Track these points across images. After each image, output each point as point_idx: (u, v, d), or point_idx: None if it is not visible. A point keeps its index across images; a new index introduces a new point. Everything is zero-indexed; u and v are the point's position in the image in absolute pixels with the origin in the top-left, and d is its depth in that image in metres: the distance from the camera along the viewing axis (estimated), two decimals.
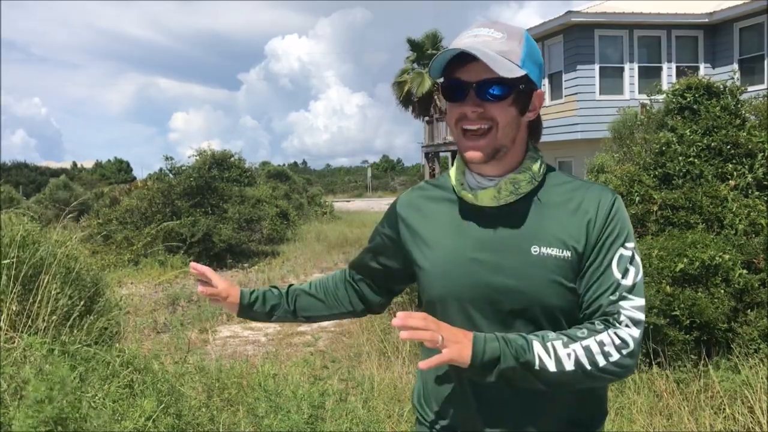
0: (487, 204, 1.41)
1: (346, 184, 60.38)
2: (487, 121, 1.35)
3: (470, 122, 1.36)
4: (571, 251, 1.36)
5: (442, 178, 1.55)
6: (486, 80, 1.33)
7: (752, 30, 14.70)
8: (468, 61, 1.34)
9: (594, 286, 1.36)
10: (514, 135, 1.40)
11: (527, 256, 1.36)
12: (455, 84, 1.37)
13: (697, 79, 6.65)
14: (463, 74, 1.35)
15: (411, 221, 1.52)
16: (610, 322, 1.33)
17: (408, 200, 1.57)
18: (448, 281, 1.42)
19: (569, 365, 1.28)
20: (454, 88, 1.37)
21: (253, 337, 8.22)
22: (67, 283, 4.13)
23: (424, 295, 1.50)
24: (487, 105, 1.35)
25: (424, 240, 1.48)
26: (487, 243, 1.40)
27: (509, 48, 1.35)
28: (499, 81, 1.33)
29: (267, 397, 3.61)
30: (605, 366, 1.29)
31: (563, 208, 1.40)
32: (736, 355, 4.79)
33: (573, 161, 16.04)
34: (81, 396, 2.69)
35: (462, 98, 1.36)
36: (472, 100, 1.35)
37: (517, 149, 1.42)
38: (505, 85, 1.34)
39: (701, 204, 5.68)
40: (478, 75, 1.34)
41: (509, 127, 1.38)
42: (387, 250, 1.61)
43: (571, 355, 1.28)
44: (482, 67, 1.32)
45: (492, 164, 1.41)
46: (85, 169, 58.82)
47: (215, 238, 14.50)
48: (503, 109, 1.36)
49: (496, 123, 1.36)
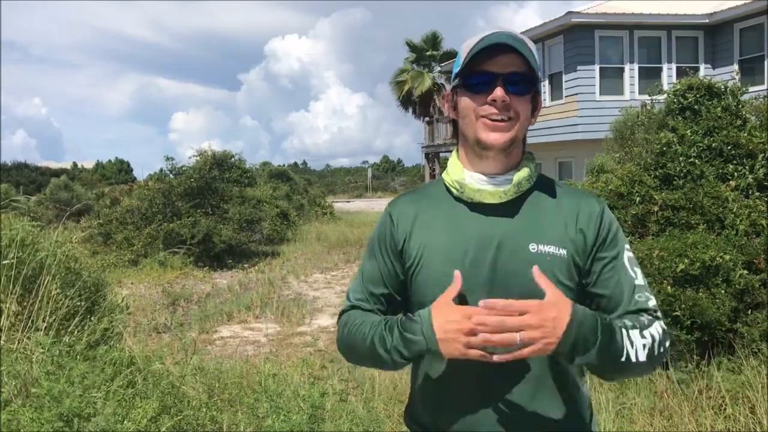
0: (490, 201, 1.43)
1: (346, 185, 60.33)
2: (510, 112, 1.39)
3: (496, 112, 1.38)
4: (567, 250, 1.41)
5: (430, 184, 1.58)
6: (515, 73, 1.38)
7: (752, 30, 14.69)
8: (494, 54, 1.37)
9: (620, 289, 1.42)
10: (525, 132, 1.45)
11: (526, 254, 1.39)
12: (482, 75, 1.39)
13: (698, 79, 6.65)
14: (490, 66, 1.38)
15: (407, 223, 1.50)
16: (656, 316, 1.41)
17: (401, 204, 1.55)
18: (448, 283, 1.40)
19: (643, 356, 1.32)
20: (481, 77, 1.39)
21: (254, 337, 8.22)
22: (68, 284, 4.13)
23: (420, 297, 1.46)
24: (513, 98, 1.39)
25: (421, 240, 1.47)
26: (485, 241, 1.41)
27: (530, 49, 1.40)
28: (525, 75, 1.38)
29: (268, 398, 3.61)
30: (661, 353, 1.36)
31: (557, 209, 1.45)
32: (738, 356, 4.79)
33: (573, 161, 16.03)
34: (87, 396, 2.69)
35: (487, 89, 1.38)
36: (501, 91, 1.37)
37: (520, 148, 1.47)
38: (531, 81, 1.40)
39: (702, 204, 5.68)
40: (506, 67, 1.38)
41: (526, 122, 1.43)
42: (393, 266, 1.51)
43: (646, 345, 1.33)
44: (510, 60, 1.37)
45: (498, 160, 1.44)
46: (85, 170, 58.79)
47: (215, 238, 14.50)
48: (525, 104, 1.41)
49: (518, 116, 1.40)
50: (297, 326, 8.77)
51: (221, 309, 9.63)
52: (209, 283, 12.42)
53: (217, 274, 13.82)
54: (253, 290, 11.33)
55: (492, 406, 1.40)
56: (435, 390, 1.47)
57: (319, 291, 11.49)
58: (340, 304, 10.69)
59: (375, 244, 1.55)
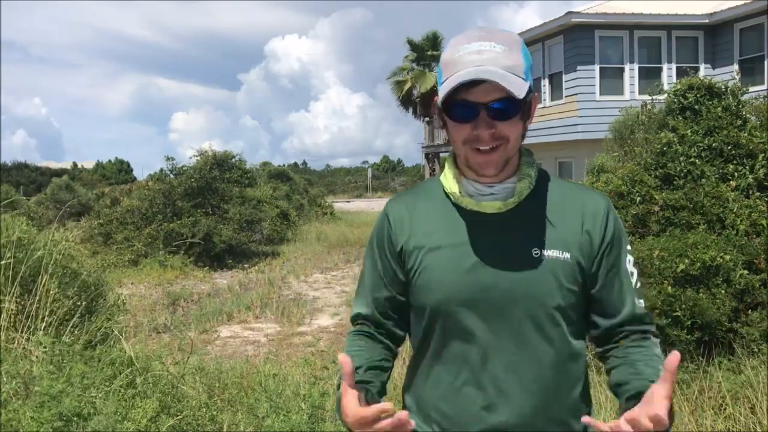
0: (489, 212, 1.40)
1: (346, 185, 60.30)
2: (498, 140, 1.35)
3: (482, 143, 1.34)
4: (571, 253, 1.37)
5: (428, 183, 1.53)
6: (497, 101, 1.32)
7: (752, 30, 14.69)
8: (475, 84, 1.30)
9: (618, 293, 1.41)
10: (520, 144, 1.42)
11: (529, 259, 1.36)
12: (463, 105, 1.33)
13: (699, 79, 6.66)
14: (471, 95, 1.32)
15: (404, 226, 1.47)
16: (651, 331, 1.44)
17: (399, 205, 1.51)
18: (448, 288, 1.38)
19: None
20: (462, 109, 1.34)
21: (254, 337, 8.21)
22: (66, 284, 4.13)
23: (420, 302, 1.44)
24: (500, 124, 1.34)
25: (420, 244, 1.44)
26: (488, 247, 1.38)
27: (513, 62, 1.32)
28: (509, 99, 1.31)
29: (268, 398, 3.61)
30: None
31: (560, 210, 1.41)
32: (738, 356, 4.79)
33: (573, 161, 16.03)
34: (87, 395, 2.69)
35: (470, 118, 1.33)
36: (484, 122, 1.32)
37: (516, 154, 1.44)
38: (517, 104, 1.33)
39: (702, 204, 5.68)
40: (488, 95, 1.31)
41: (518, 140, 1.39)
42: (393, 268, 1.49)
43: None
44: (492, 87, 1.30)
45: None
46: (85, 170, 58.80)
47: (216, 238, 14.50)
48: (513, 125, 1.36)
49: (508, 140, 1.35)
50: (297, 326, 8.77)
51: (221, 309, 9.63)
52: (209, 283, 12.42)
53: (217, 274, 13.82)
54: (253, 290, 11.33)
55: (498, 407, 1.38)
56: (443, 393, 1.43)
57: (319, 291, 11.49)
58: (341, 304, 10.67)
59: (374, 248, 1.52)
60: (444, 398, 1.42)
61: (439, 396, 1.43)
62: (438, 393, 1.43)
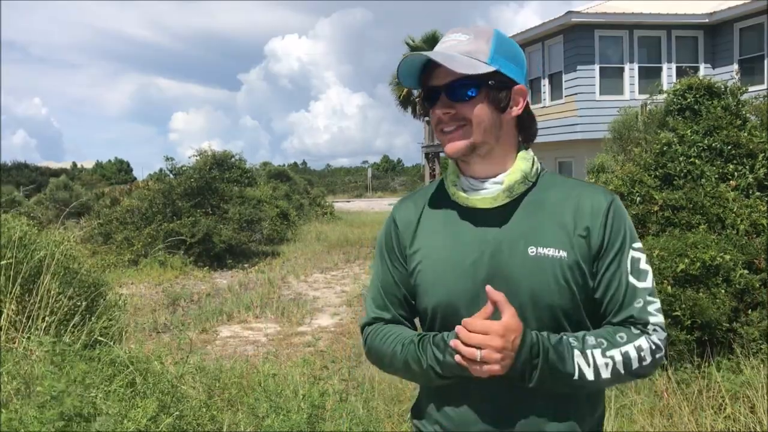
0: (481, 206, 1.41)
1: (346, 185, 60.31)
2: (460, 121, 1.39)
3: (445, 124, 1.41)
4: (567, 251, 1.36)
5: (433, 185, 1.56)
6: (452, 82, 1.37)
7: (752, 30, 14.69)
8: (435, 67, 1.39)
9: (615, 294, 1.38)
10: (497, 133, 1.42)
11: (525, 257, 1.36)
12: (428, 90, 1.42)
13: (698, 79, 6.65)
14: (433, 80, 1.41)
15: (410, 229, 1.49)
16: (645, 330, 1.37)
17: (405, 208, 1.54)
18: (447, 287, 1.40)
19: (606, 374, 1.32)
20: (428, 94, 1.42)
21: (254, 337, 8.22)
22: (67, 284, 4.13)
23: (422, 304, 1.46)
24: (458, 105, 1.39)
25: (422, 245, 1.46)
26: (484, 245, 1.39)
27: (475, 47, 1.38)
28: (465, 81, 1.36)
29: (267, 398, 3.61)
30: (637, 369, 1.35)
31: (559, 208, 1.40)
32: (738, 355, 4.79)
33: (573, 161, 16.03)
34: (88, 395, 2.69)
35: (434, 102, 1.41)
36: (443, 103, 1.40)
37: (505, 148, 1.44)
38: (472, 84, 1.37)
39: (702, 204, 5.68)
40: (445, 78, 1.38)
41: (487, 124, 1.40)
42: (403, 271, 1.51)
43: (608, 364, 1.32)
44: (447, 71, 1.36)
45: (480, 164, 1.43)
46: (85, 170, 58.79)
47: (215, 238, 14.50)
48: (474, 107, 1.39)
49: (470, 121, 1.39)
50: (297, 326, 8.77)
51: (221, 309, 9.63)
52: (209, 283, 12.42)
53: (217, 274, 13.82)
54: (253, 290, 11.33)
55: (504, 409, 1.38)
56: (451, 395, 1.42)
57: (319, 291, 11.49)
58: (340, 304, 10.66)
59: (383, 250, 1.54)
60: (449, 400, 1.42)
61: (444, 398, 1.43)
62: (443, 395, 1.43)
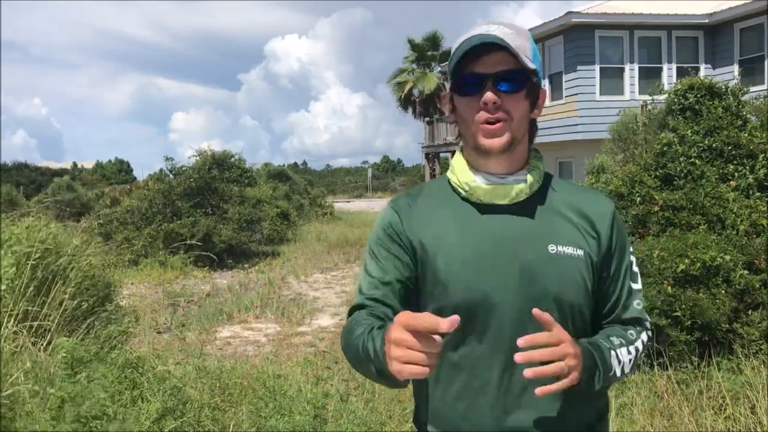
0: (501, 202, 1.39)
1: (346, 185, 60.31)
2: (504, 112, 1.35)
3: (489, 116, 1.34)
4: (583, 251, 1.39)
5: (432, 183, 1.52)
6: (504, 71, 1.33)
7: (752, 30, 14.70)
8: (482, 54, 1.33)
9: (618, 294, 1.44)
10: (525, 130, 1.41)
11: (546, 255, 1.36)
12: (471, 77, 1.35)
13: (699, 79, 6.66)
14: (478, 67, 1.34)
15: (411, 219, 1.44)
16: (643, 327, 1.47)
17: (405, 200, 1.49)
18: (459, 282, 1.36)
19: (627, 369, 1.38)
20: (470, 81, 1.35)
21: (254, 337, 8.22)
22: (87, 290, 4.14)
23: (429, 298, 1.40)
24: (505, 97, 1.34)
25: (429, 239, 1.40)
26: (504, 242, 1.37)
27: (521, 43, 1.35)
28: (515, 72, 1.34)
29: (271, 398, 3.62)
30: (638, 363, 1.43)
31: (570, 208, 1.42)
32: (738, 356, 4.80)
33: (573, 162, 16.04)
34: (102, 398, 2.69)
35: (478, 91, 1.34)
36: (491, 91, 1.33)
37: (525, 146, 1.43)
38: (522, 77, 1.35)
39: (703, 205, 5.69)
40: (495, 66, 1.33)
41: (522, 120, 1.39)
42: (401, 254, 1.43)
43: (631, 360, 1.38)
44: (499, 59, 1.32)
45: (502, 160, 1.39)
46: (85, 170, 58.80)
47: (215, 238, 14.49)
48: (518, 101, 1.36)
49: (511, 115, 1.35)
50: (297, 326, 8.77)
51: (221, 309, 9.63)
52: (209, 283, 12.42)
53: (217, 274, 13.82)
54: (253, 290, 11.33)
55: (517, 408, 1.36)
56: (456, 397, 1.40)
57: (319, 291, 11.49)
58: (341, 304, 10.65)
59: (380, 236, 1.46)
60: (461, 400, 1.39)
61: (455, 398, 1.39)
62: (453, 395, 1.40)
